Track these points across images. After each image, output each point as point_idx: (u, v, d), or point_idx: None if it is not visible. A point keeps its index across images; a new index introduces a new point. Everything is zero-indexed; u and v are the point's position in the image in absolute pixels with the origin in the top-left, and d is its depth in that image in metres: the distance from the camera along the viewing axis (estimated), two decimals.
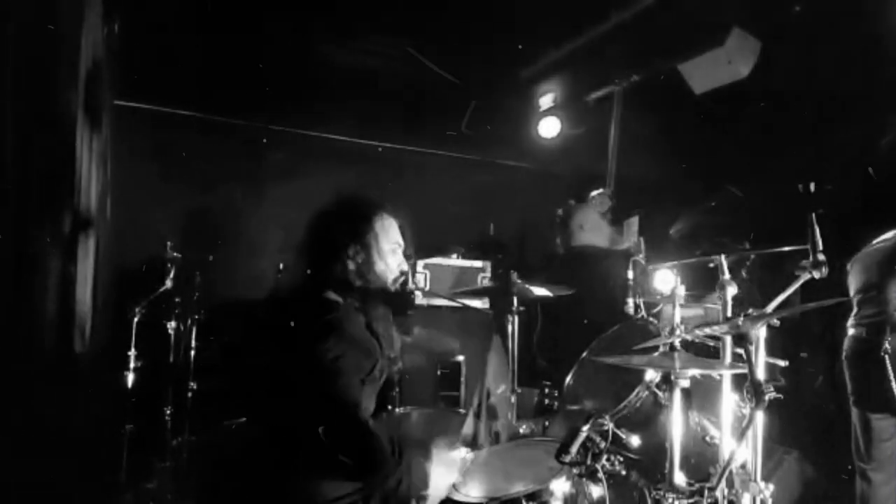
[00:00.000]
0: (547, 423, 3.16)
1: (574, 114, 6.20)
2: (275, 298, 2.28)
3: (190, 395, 4.13)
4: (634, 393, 2.43)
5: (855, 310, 3.37)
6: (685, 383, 2.06)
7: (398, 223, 2.26)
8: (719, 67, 4.41)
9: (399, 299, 2.23)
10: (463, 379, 4.80)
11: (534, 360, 4.35)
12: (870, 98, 4.16)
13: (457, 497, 2.24)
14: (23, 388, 2.68)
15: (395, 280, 2.21)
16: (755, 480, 1.91)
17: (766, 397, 1.65)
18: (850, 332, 3.37)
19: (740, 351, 1.81)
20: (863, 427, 3.27)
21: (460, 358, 4.62)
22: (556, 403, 3.15)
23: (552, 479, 2.20)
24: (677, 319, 2.16)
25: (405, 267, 2.24)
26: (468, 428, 2.69)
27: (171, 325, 4.08)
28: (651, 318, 2.91)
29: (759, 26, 4.33)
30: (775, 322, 1.98)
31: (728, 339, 2.13)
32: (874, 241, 3.41)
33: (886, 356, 3.08)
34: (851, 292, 3.40)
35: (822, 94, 4.32)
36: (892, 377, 3.06)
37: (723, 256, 2.17)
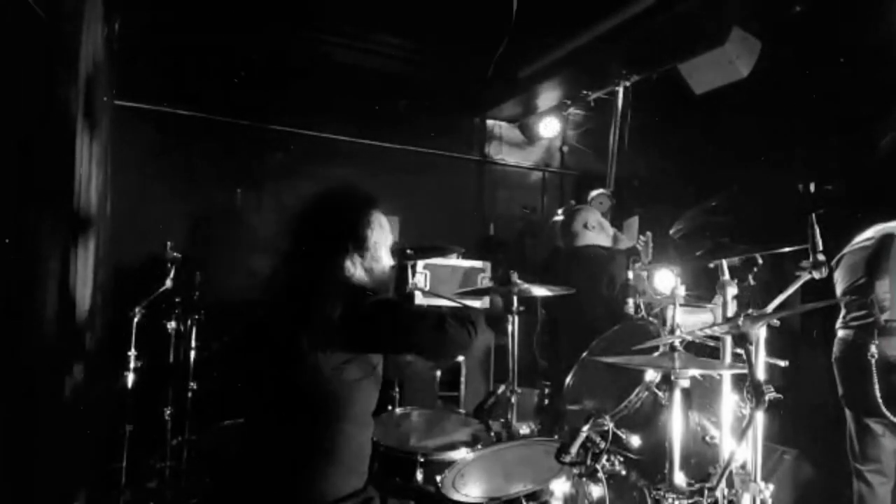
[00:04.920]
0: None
1: (574, 114, 6.23)
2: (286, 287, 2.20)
3: (190, 395, 4.13)
4: (634, 393, 2.43)
5: (843, 311, 3.33)
6: (685, 383, 2.06)
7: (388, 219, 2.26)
8: (719, 67, 4.41)
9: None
10: (463, 379, 4.80)
11: (534, 360, 4.35)
12: (870, 98, 4.15)
13: (457, 497, 2.24)
14: (23, 388, 2.68)
15: (387, 274, 2.24)
16: (755, 480, 1.91)
17: (767, 397, 1.65)
18: (839, 333, 3.33)
19: (740, 351, 1.81)
20: (857, 428, 3.25)
21: (460, 358, 4.62)
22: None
23: (552, 479, 2.19)
24: (676, 319, 2.16)
25: (392, 262, 2.26)
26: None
27: (171, 325, 4.08)
28: (651, 318, 2.90)
29: (759, 26, 4.33)
30: (775, 322, 1.98)
31: (728, 339, 2.13)
32: (857, 240, 3.35)
33: (873, 360, 3.05)
34: (838, 292, 3.36)
35: (822, 93, 4.31)
36: (876, 381, 3.05)
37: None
